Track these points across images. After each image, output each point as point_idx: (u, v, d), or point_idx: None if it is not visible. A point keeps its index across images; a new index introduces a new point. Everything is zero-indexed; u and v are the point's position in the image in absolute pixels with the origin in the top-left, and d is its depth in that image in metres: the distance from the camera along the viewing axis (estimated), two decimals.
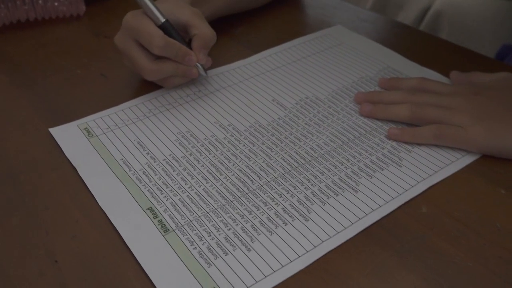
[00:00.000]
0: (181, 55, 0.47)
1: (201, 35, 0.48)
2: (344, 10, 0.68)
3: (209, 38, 0.49)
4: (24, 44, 0.60)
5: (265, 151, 0.44)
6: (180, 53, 0.46)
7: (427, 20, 0.91)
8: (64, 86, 0.52)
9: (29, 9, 0.62)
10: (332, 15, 0.67)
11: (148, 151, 0.43)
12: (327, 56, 0.57)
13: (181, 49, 0.46)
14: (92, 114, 0.48)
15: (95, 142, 0.44)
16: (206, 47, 0.48)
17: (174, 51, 0.46)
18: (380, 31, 0.65)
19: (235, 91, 0.51)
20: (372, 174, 0.41)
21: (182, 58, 0.47)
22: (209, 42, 0.49)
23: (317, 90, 0.51)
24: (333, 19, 0.66)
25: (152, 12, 0.46)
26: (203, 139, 0.45)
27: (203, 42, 0.48)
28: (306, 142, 0.45)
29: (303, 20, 0.66)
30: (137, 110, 0.48)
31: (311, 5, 0.70)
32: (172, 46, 0.46)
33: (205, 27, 0.49)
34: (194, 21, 0.49)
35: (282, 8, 0.68)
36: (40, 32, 0.62)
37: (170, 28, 0.47)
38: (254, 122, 0.47)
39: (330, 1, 0.70)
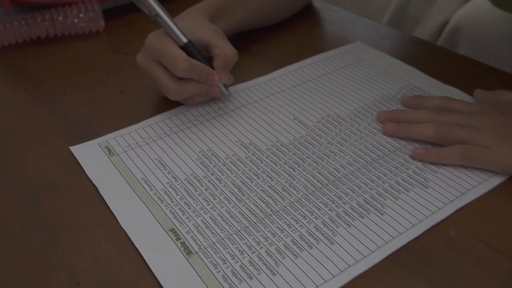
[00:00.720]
0: (204, 76, 0.46)
1: (223, 54, 0.48)
2: (363, 26, 0.67)
3: (230, 57, 0.48)
4: (44, 60, 0.60)
5: (288, 171, 0.43)
6: (203, 73, 0.46)
7: (445, 35, 0.91)
8: (84, 103, 0.52)
9: (49, 26, 0.62)
10: (351, 31, 0.66)
11: (169, 170, 0.43)
12: (347, 73, 0.56)
13: (204, 70, 0.46)
14: (112, 132, 0.47)
15: (116, 161, 0.44)
16: (227, 66, 0.48)
17: (197, 72, 0.46)
18: (400, 47, 0.64)
19: (256, 109, 0.51)
20: (398, 195, 0.41)
21: (205, 79, 0.47)
22: (230, 61, 0.48)
23: (338, 108, 0.51)
24: (352, 35, 0.65)
25: (175, 32, 0.46)
26: (225, 158, 0.44)
27: (225, 61, 0.48)
28: (329, 162, 0.44)
29: (322, 36, 0.66)
30: (158, 128, 0.48)
31: (330, 20, 0.69)
32: (196, 68, 0.45)
33: (226, 46, 0.48)
34: (215, 40, 0.49)
35: (301, 24, 0.68)
36: (60, 49, 0.62)
37: (192, 48, 0.47)
38: (275, 141, 0.46)
39: (349, 17, 0.70)
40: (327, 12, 0.71)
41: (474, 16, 0.89)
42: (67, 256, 0.36)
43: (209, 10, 0.53)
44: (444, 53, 0.63)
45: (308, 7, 0.72)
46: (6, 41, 0.61)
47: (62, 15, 0.62)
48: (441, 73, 0.56)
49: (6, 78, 0.57)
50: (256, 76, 0.56)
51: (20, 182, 0.42)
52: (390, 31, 0.67)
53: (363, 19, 0.69)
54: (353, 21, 0.69)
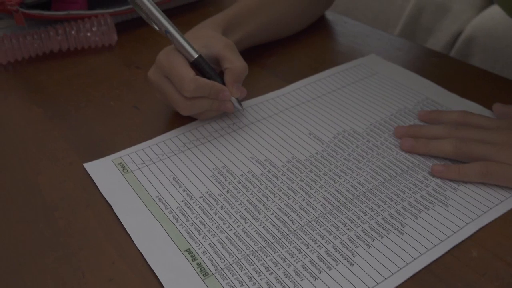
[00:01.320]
0: (214, 93, 0.46)
1: (233, 68, 0.47)
2: (377, 38, 0.67)
3: (240, 70, 0.48)
4: (57, 74, 0.60)
5: (304, 188, 0.42)
6: (213, 91, 0.46)
7: (458, 45, 0.90)
8: (98, 118, 0.52)
9: (62, 40, 0.62)
10: (365, 44, 0.66)
11: (184, 187, 0.42)
12: (362, 87, 0.56)
13: (214, 87, 0.46)
14: (126, 148, 0.47)
15: (130, 178, 0.44)
16: (238, 80, 0.48)
17: (206, 90, 0.45)
18: (414, 59, 0.63)
19: (270, 124, 0.50)
20: (418, 214, 0.40)
21: (216, 95, 0.46)
22: (241, 75, 0.48)
23: (354, 123, 0.50)
24: (366, 48, 0.65)
25: (185, 48, 0.46)
26: (240, 175, 0.44)
27: (236, 75, 0.47)
28: (346, 179, 0.43)
29: (335, 49, 0.65)
30: (172, 144, 0.48)
31: (343, 33, 0.69)
32: (204, 87, 0.45)
33: (236, 59, 0.48)
34: (226, 54, 0.48)
35: (314, 37, 0.67)
36: (73, 63, 0.62)
37: (203, 64, 0.46)
38: (291, 157, 0.46)
39: (362, 29, 0.69)
40: (340, 24, 0.71)
41: (488, 26, 0.88)
42: (81, 276, 0.36)
43: (222, 23, 0.53)
44: (459, 65, 0.62)
45: (321, 19, 0.71)
46: (19, 55, 0.61)
47: (75, 29, 0.62)
48: (457, 86, 0.55)
49: (20, 93, 0.57)
50: (270, 90, 0.56)
51: (34, 200, 0.42)
52: (404, 43, 0.66)
53: (376, 31, 0.68)
54: (366, 33, 0.68)
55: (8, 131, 0.51)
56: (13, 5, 0.60)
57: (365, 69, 0.59)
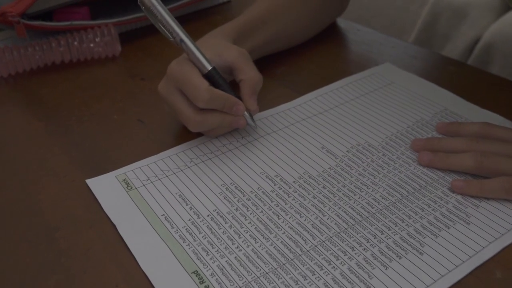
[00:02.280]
0: (228, 106, 0.45)
1: (249, 80, 0.47)
2: (391, 46, 0.67)
3: (256, 82, 0.48)
4: (60, 87, 0.60)
5: (317, 206, 0.42)
6: (227, 104, 0.45)
7: (476, 52, 0.89)
8: (101, 132, 0.52)
9: (65, 51, 0.62)
10: (379, 52, 0.65)
11: (191, 205, 0.42)
12: (377, 98, 0.55)
13: (228, 100, 0.45)
14: (130, 164, 0.47)
15: (135, 196, 0.43)
16: (255, 92, 0.47)
17: (221, 103, 0.45)
18: (431, 68, 0.63)
19: (281, 137, 0.50)
20: (437, 233, 0.39)
21: (230, 109, 0.46)
22: (257, 87, 0.48)
23: (369, 136, 0.50)
24: (381, 56, 0.64)
25: (198, 59, 0.46)
26: (249, 192, 0.43)
27: (252, 88, 0.47)
28: (361, 195, 0.43)
29: (348, 58, 0.65)
30: (178, 159, 0.47)
31: (356, 41, 0.68)
32: (219, 99, 0.45)
33: (251, 70, 0.48)
34: (240, 64, 0.48)
35: (325, 45, 0.67)
36: (75, 74, 0.62)
37: (217, 76, 0.46)
38: (303, 172, 0.45)
39: (376, 36, 0.69)
40: (352, 31, 0.71)
41: (507, 32, 0.87)
42: None
43: (232, 33, 0.53)
44: (478, 73, 0.61)
45: (333, 26, 0.71)
46: (20, 67, 0.62)
47: (78, 40, 0.63)
48: (477, 96, 0.54)
49: (21, 106, 0.57)
50: (280, 102, 0.55)
51: (35, 219, 0.42)
52: (420, 51, 0.66)
53: (390, 39, 0.68)
54: (380, 40, 0.68)
55: (8, 146, 0.51)
56: (15, 16, 0.60)
57: (380, 78, 0.59)
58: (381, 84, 0.58)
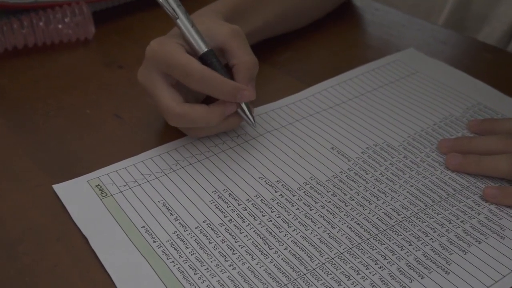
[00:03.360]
0: (228, 92, 0.45)
1: (244, 64, 0.48)
2: (416, 29, 0.67)
3: (252, 67, 0.48)
4: (22, 76, 0.61)
5: (326, 217, 0.43)
6: (227, 87, 0.45)
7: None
8: (71, 129, 0.53)
9: (28, 34, 0.63)
10: (402, 36, 0.66)
11: (176, 216, 0.43)
12: (398, 90, 0.56)
13: (229, 84, 0.46)
14: (105, 167, 0.48)
15: (110, 204, 0.44)
16: (252, 78, 0.48)
17: (219, 85, 0.45)
18: (463, 55, 0.64)
19: (284, 136, 0.51)
20: (466, 248, 0.40)
21: (233, 95, 0.46)
22: (253, 72, 0.48)
23: (388, 135, 0.50)
24: (403, 41, 0.65)
25: (195, 39, 0.47)
26: (246, 200, 0.44)
27: (249, 73, 0.48)
28: (378, 205, 0.43)
29: (365, 43, 0.66)
30: (161, 162, 0.48)
31: (374, 22, 0.69)
32: (216, 80, 0.45)
33: (245, 53, 0.48)
34: (232, 45, 0.48)
35: (338, 27, 0.68)
36: (41, 61, 0.63)
37: (214, 60, 0.47)
38: (309, 177, 0.46)
39: (398, 17, 0.70)
40: (370, 11, 0.71)
41: None
42: None
43: (224, 11, 0.54)
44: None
45: (347, 5, 0.72)
46: None
47: (44, 21, 0.63)
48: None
49: None
50: (283, 94, 0.56)
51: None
52: (450, 35, 0.67)
53: (415, 20, 0.69)
54: (403, 22, 0.69)
55: None
56: None
57: (402, 67, 0.59)
58: (403, 74, 0.58)
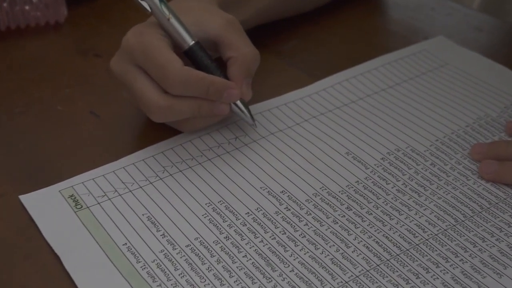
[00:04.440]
0: (215, 91, 0.46)
1: (242, 57, 0.49)
2: (446, 13, 0.68)
3: (251, 61, 0.49)
4: None
5: (339, 234, 0.43)
6: (213, 88, 0.46)
7: None
8: (40, 130, 0.53)
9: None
10: (430, 21, 0.66)
11: (163, 232, 0.44)
12: (425, 85, 0.57)
13: (214, 83, 0.47)
14: (80, 174, 0.48)
15: (86, 217, 0.45)
16: (248, 74, 0.49)
17: (203, 87, 0.46)
18: (503, 45, 0.64)
19: (290, 139, 0.51)
20: (502, 271, 0.40)
21: (219, 94, 0.47)
22: (251, 66, 0.49)
23: (413, 138, 0.51)
24: (432, 27, 0.65)
25: (178, 33, 0.47)
26: (245, 214, 0.45)
27: (245, 68, 0.48)
28: (400, 220, 0.44)
29: (386, 29, 0.66)
30: (146, 168, 0.49)
31: (398, 4, 0.70)
32: (200, 81, 0.46)
33: (245, 45, 0.49)
34: (228, 36, 0.49)
35: (353, 11, 0.68)
36: (5, 49, 0.64)
37: (201, 54, 0.48)
38: (320, 188, 0.47)
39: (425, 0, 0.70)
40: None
41: None
42: None
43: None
44: None
45: None
46: None
47: (8, 1, 0.64)
48: None
49: None
50: (289, 89, 0.57)
51: None
52: (487, 20, 0.67)
53: (446, 2, 0.69)
54: (431, 5, 0.69)
55: None
56: None
57: (429, 58, 0.60)
58: (431, 66, 0.59)
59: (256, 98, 0.53)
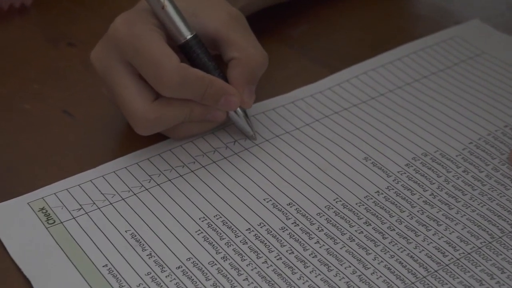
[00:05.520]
0: (212, 94, 0.47)
1: (246, 59, 0.49)
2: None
3: (258, 65, 0.49)
4: None
5: (356, 253, 0.43)
6: (211, 91, 0.47)
7: None
8: (3, 132, 0.54)
9: None
10: (463, 2, 0.67)
11: (150, 251, 0.44)
12: (457, 78, 0.57)
13: (213, 85, 0.47)
14: (52, 184, 0.48)
15: (59, 234, 0.45)
16: (252, 80, 0.49)
17: (201, 88, 0.47)
18: None
19: (298, 142, 0.52)
20: None
21: (215, 99, 0.47)
22: (257, 71, 0.50)
23: (443, 141, 0.52)
24: (465, 9, 0.66)
25: (174, 23, 0.48)
26: (246, 230, 0.45)
27: (250, 72, 0.49)
28: (427, 237, 0.44)
29: (413, 12, 0.66)
30: (129, 177, 0.49)
31: None
32: (197, 82, 0.46)
33: (251, 45, 0.49)
34: (232, 34, 0.49)
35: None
36: None
37: (199, 50, 0.48)
38: (334, 199, 0.47)
39: None
40: None
41: None
42: None
43: None
44: None
45: None
46: None
47: None
48: None
49: None
50: (298, 83, 0.57)
51: None
52: None
53: None
54: None
55: None
56: None
57: (463, 46, 0.61)
58: (464, 56, 0.60)
59: (258, 94, 0.53)
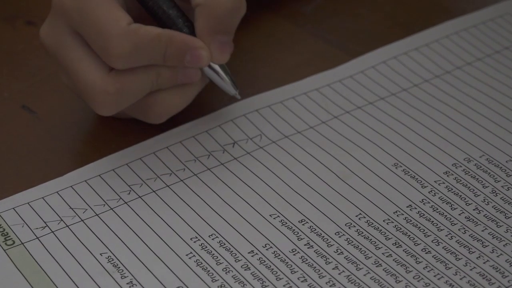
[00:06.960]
0: (173, 53, 0.48)
1: (211, 4, 0.50)
2: None
3: (226, 10, 0.50)
4: None
5: (384, 281, 0.44)
6: (171, 50, 0.48)
7: None
8: None
9: None
10: None
11: (131, 278, 0.45)
12: (508, 65, 0.59)
13: (172, 42, 0.48)
14: (9, 196, 0.50)
15: (20, 258, 0.46)
16: (222, 29, 0.50)
17: (159, 48, 0.48)
18: None
19: (313, 145, 0.53)
20: None
21: (180, 59, 0.49)
22: (226, 18, 0.50)
23: (491, 144, 0.53)
24: None
25: None
26: (248, 253, 0.46)
27: (216, 19, 0.50)
28: (469, 261, 0.45)
29: None
30: (104, 187, 0.50)
31: None
32: (153, 42, 0.47)
33: None
34: None
35: None
36: None
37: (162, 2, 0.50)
38: (356, 215, 0.48)
39: None
40: None
41: None
42: None
43: None
44: None
45: None
46: None
47: None
48: None
49: None
50: (311, 70, 0.59)
51: None
52: None
53: None
54: None
55: None
56: None
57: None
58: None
59: (261, 84, 0.55)
